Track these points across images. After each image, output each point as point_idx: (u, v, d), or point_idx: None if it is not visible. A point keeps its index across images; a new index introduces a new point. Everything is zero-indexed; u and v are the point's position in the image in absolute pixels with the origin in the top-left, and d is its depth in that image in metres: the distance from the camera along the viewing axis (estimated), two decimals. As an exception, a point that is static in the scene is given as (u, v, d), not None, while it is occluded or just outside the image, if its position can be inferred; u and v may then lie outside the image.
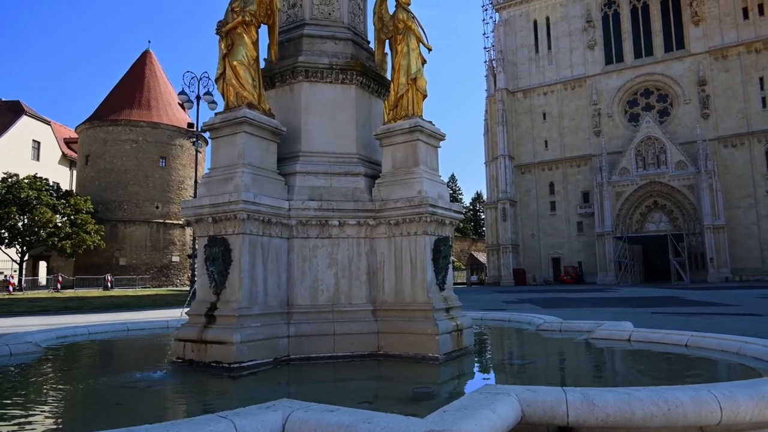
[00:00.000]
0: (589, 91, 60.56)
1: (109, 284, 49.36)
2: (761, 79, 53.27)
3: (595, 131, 59.71)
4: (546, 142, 62.64)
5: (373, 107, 8.05)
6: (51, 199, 48.52)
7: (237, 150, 6.57)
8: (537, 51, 64.40)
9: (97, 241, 51.27)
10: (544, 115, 63.01)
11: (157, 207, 59.18)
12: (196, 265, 8.09)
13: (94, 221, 51.56)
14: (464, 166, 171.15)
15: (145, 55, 65.27)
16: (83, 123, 60.13)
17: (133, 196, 58.09)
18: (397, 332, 6.71)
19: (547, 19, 64.12)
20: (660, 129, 54.93)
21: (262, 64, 7.40)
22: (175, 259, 60.14)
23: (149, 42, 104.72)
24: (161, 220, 59.24)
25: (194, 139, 31.63)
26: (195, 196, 7.92)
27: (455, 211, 7.30)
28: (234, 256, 6.26)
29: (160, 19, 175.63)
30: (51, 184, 52.17)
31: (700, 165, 51.88)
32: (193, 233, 7.98)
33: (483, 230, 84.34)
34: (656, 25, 58.65)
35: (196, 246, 7.18)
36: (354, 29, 8.14)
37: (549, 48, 63.72)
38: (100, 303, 24.97)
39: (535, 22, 64.81)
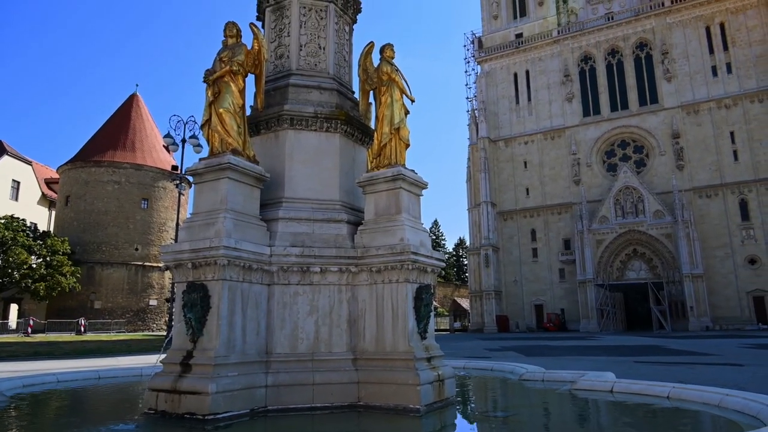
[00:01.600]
0: (568, 141, 62.26)
1: (82, 328, 47.83)
2: (732, 134, 55.38)
3: (574, 180, 61.02)
4: (527, 190, 63.73)
5: (356, 155, 8.18)
6: (27, 240, 47.54)
7: (220, 195, 6.59)
8: (518, 102, 66.44)
9: (72, 284, 50.02)
10: (525, 163, 64.38)
11: (137, 249, 58.26)
12: (173, 310, 7.93)
13: (70, 263, 50.45)
14: (447, 211, 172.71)
15: (132, 98, 65.82)
16: (65, 164, 59.76)
17: (112, 237, 57.20)
18: (377, 382, 6.59)
19: (527, 72, 66.54)
20: (637, 179, 56.35)
21: (247, 112, 7.53)
22: (153, 302, 58.77)
23: (137, 85, 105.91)
24: (140, 263, 58.20)
25: (178, 182, 31.59)
26: (176, 239, 7.85)
27: (437, 259, 7.33)
28: (213, 303, 6.16)
29: (149, 64, 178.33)
30: (28, 224, 51.26)
31: (676, 214, 53.06)
32: (172, 279, 7.86)
33: (466, 276, 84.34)
34: (630, 80, 61.17)
35: (175, 290, 7.07)
36: (339, 80, 8.37)
37: (529, 99, 65.82)
38: (71, 348, 24.10)
39: (516, 75, 67.16)
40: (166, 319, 50.79)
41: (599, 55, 63.01)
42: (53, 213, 62.12)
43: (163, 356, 6.55)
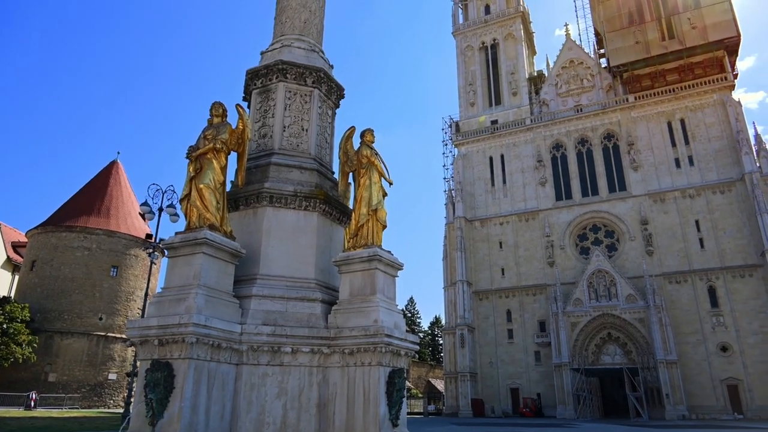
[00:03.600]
0: (542, 224, 63.75)
1: (32, 403, 44.64)
2: (697, 222, 57.49)
3: (549, 262, 61.86)
4: (503, 270, 64.19)
5: (334, 234, 8.27)
6: (-16, 306, 45.40)
7: (193, 270, 6.52)
8: (493, 184, 68.51)
9: (27, 354, 47.31)
10: (501, 244, 65.33)
11: (101, 318, 55.92)
12: (134, 390, 7.56)
13: (28, 331, 47.99)
14: (423, 289, 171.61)
15: (113, 165, 65.87)
16: (36, 227, 58.45)
17: (76, 305, 54.96)
18: (345, 473, 6.27)
19: (502, 156, 69.22)
20: (609, 263, 57.40)
21: (228, 187, 7.63)
22: (113, 376, 55.62)
23: (118, 153, 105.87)
24: (103, 333, 55.64)
25: (151, 250, 31.04)
26: (143, 311, 7.64)
27: (411, 342, 7.25)
28: (177, 383, 5.92)
29: (133, 132, 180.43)
30: (-12, 289, 49.18)
31: (648, 299, 53.66)
32: (136, 355, 7.56)
33: (441, 356, 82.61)
34: (600, 168, 63.96)
35: (138, 368, 6.78)
36: (320, 160, 8.62)
37: (504, 182, 67.97)
38: (18, 425, 22.39)
39: (491, 158, 69.75)
40: (125, 395, 47.97)
41: (570, 143, 66.19)
42: (16, 278, 59.88)
43: (118, 440, 6.18)
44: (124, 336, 52.65)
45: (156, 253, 31.38)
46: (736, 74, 63.42)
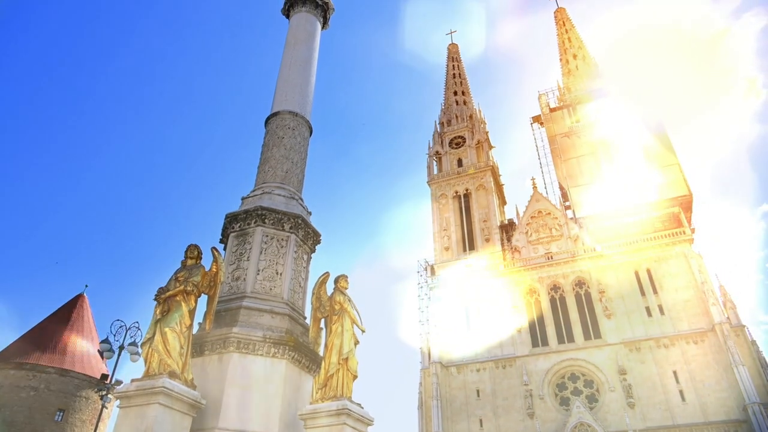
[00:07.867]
0: (519, 371, 61.87)
1: None
2: (675, 373, 56.59)
3: (528, 412, 58.91)
4: (481, 421, 60.58)
5: (302, 383, 7.87)
6: None
7: (146, 424, 6.01)
8: (469, 329, 67.66)
9: None
10: (478, 392, 62.58)
11: (34, 473, 49.67)
12: None
13: (-54, 488, 42.06)
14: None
15: (78, 299, 63.59)
16: (-18, 364, 54.29)
17: (9, 456, 49.10)
18: None
19: (477, 301, 69.41)
20: (591, 415, 54.88)
21: (195, 329, 7.37)
22: None
23: (86, 286, 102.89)
24: (33, 491, 49.03)
25: (104, 392, 28.78)
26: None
27: None
28: None
29: (101, 265, 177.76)
30: None
31: (634, 457, 50.62)
32: None
33: None
34: (573, 314, 64.18)
35: None
36: (292, 305, 8.51)
37: (480, 327, 67.28)
38: None
39: (466, 303, 69.79)
40: None
41: (543, 289, 67.17)
42: (-53, 421, 53.99)
43: None
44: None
45: (109, 395, 29.07)
46: (693, 229, 67.46)
